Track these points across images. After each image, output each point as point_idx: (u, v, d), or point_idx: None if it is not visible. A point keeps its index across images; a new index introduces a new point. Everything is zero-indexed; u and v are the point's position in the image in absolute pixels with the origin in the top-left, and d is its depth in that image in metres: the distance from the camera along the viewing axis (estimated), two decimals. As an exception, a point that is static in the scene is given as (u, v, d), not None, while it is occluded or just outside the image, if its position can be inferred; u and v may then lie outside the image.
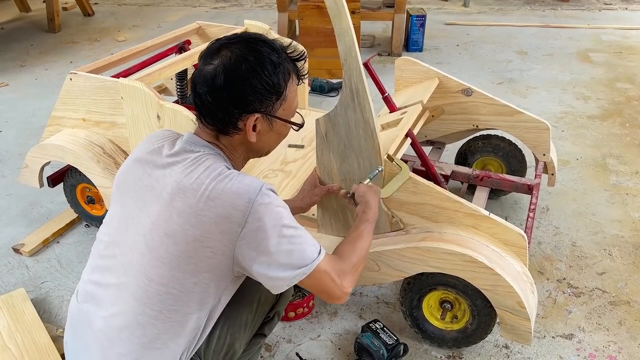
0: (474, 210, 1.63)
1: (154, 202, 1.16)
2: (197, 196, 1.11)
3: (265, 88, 1.18)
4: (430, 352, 1.78)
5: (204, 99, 1.18)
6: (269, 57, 1.17)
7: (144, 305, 1.14)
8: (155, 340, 1.15)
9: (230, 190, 1.11)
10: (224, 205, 1.10)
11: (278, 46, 1.22)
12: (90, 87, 2.01)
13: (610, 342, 1.81)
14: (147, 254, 1.14)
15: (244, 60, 1.16)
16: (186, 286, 1.14)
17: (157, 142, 1.26)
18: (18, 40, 4.82)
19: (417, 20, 4.34)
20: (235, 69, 1.15)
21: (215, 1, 6.07)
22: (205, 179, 1.13)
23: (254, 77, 1.16)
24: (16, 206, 2.53)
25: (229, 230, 1.11)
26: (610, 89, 3.68)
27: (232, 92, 1.16)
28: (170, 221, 1.12)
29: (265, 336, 1.48)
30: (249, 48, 1.17)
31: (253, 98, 1.18)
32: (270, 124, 1.24)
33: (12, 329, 1.79)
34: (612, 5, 5.65)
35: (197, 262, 1.13)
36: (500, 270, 1.54)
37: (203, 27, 2.61)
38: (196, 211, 1.11)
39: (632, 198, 2.54)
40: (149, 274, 1.14)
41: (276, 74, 1.18)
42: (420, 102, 2.06)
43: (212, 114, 1.19)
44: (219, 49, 1.18)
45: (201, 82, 1.17)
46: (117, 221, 1.23)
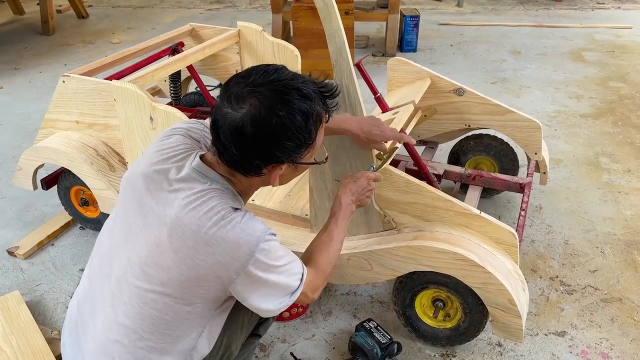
0: (465, 209, 1.64)
1: (154, 226, 1.14)
2: (195, 239, 1.09)
3: (295, 144, 1.11)
4: (424, 351, 1.79)
5: (228, 148, 1.10)
6: (300, 109, 1.09)
7: (135, 325, 1.15)
8: (145, 357, 1.17)
9: (231, 240, 1.09)
10: (222, 254, 1.09)
11: (309, 91, 1.12)
12: (84, 89, 2.02)
13: (602, 339, 1.83)
14: (141, 278, 1.13)
15: (274, 114, 1.07)
16: (179, 314, 1.15)
17: (167, 152, 1.21)
18: (12, 42, 4.81)
19: (411, 21, 4.36)
20: (265, 124, 1.07)
21: (210, 3, 6.08)
22: (206, 222, 1.09)
23: (285, 133, 1.08)
24: (10, 209, 2.53)
25: (226, 276, 1.11)
26: (603, 88, 3.70)
27: (260, 147, 1.09)
28: (166, 256, 1.11)
29: (260, 336, 1.49)
30: (280, 99, 1.08)
31: (281, 154, 1.12)
32: (295, 168, 1.20)
33: (7, 331, 1.79)
34: (605, 4, 5.68)
35: (190, 296, 1.14)
36: (491, 268, 1.55)
37: (196, 29, 2.62)
38: (193, 254, 1.09)
39: (624, 196, 2.56)
40: (143, 298, 1.13)
41: (307, 126, 1.10)
42: (412, 102, 2.07)
43: (235, 161, 1.13)
44: (247, 95, 1.08)
45: (226, 130, 1.08)
46: (118, 229, 1.21)
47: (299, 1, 3.75)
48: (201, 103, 2.84)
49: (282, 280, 1.18)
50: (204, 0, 6.15)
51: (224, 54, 2.55)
